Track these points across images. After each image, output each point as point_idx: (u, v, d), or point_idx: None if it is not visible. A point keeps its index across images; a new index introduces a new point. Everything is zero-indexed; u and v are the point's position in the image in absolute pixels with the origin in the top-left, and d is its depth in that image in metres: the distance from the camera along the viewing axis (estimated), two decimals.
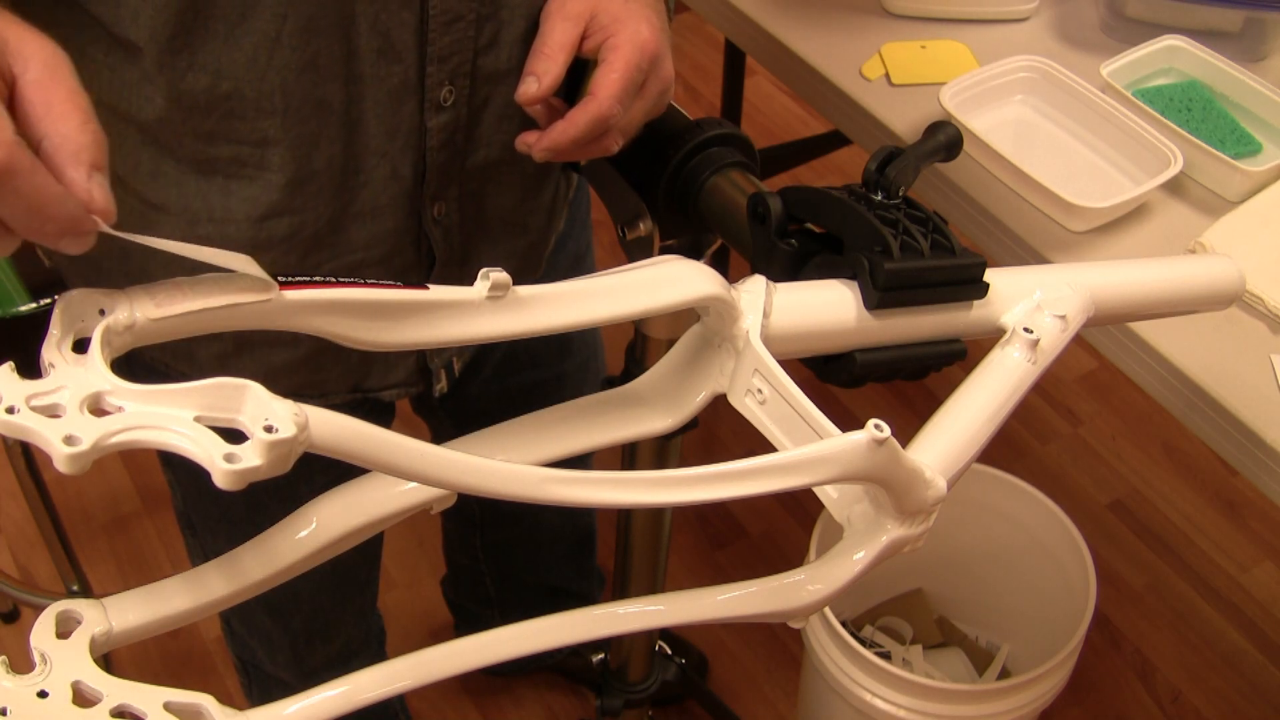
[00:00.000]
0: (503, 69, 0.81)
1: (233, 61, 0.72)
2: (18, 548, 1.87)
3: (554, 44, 0.76)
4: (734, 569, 1.85)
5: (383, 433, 0.47)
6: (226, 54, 0.72)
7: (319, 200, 0.80)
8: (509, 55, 0.81)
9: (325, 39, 0.73)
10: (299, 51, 0.73)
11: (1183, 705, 1.71)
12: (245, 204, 0.79)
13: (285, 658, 1.23)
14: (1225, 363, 0.95)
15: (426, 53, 0.77)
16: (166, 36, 0.70)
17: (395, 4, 0.74)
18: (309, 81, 0.74)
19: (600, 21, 0.77)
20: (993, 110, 1.15)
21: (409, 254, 0.86)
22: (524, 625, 0.61)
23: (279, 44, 0.72)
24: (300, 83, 0.74)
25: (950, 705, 1.29)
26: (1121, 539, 1.89)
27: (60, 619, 0.51)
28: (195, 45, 0.71)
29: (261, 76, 0.73)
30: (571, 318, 0.59)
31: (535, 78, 0.76)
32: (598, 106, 0.75)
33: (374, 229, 0.83)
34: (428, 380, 0.98)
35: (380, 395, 0.96)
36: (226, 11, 0.70)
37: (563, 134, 0.76)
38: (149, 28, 0.70)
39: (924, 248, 0.66)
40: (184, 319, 0.49)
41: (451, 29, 0.77)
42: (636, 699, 1.29)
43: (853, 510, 0.64)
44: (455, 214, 0.87)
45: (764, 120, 2.55)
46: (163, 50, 0.71)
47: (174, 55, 0.71)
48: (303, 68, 0.73)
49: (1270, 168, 1.06)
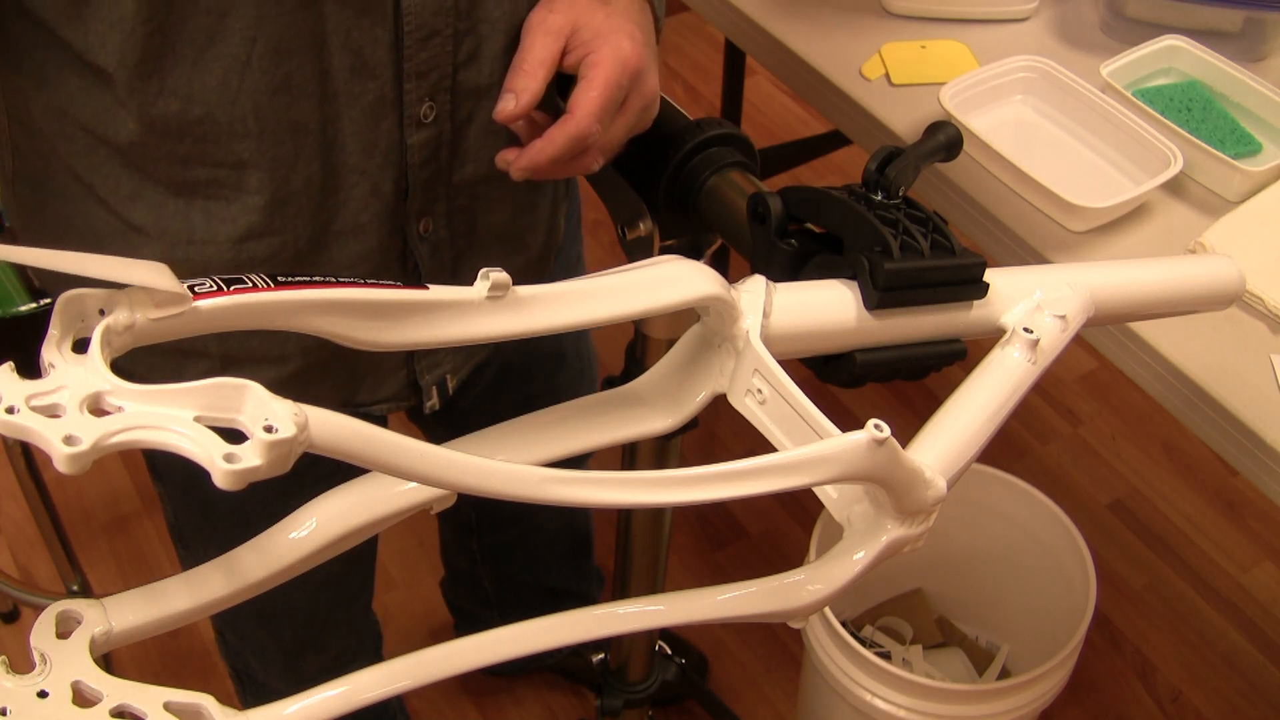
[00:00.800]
0: (484, 84, 0.80)
1: (203, 86, 0.71)
2: (18, 548, 1.87)
3: (533, 60, 0.75)
4: (734, 569, 1.85)
5: (383, 433, 0.47)
6: (196, 78, 0.71)
7: (299, 220, 0.79)
8: (490, 70, 0.80)
9: (296, 59, 0.72)
10: (270, 73, 0.72)
11: (1183, 705, 1.71)
12: (224, 226, 0.78)
13: (279, 667, 1.22)
14: (1225, 363, 0.95)
15: (403, 69, 0.76)
16: (134, 62, 0.70)
17: (367, 21, 0.73)
18: (282, 103, 0.74)
19: (581, 36, 0.76)
20: (993, 110, 1.15)
21: (394, 271, 0.86)
22: (524, 625, 0.61)
23: (249, 67, 0.71)
24: (273, 104, 0.73)
25: (950, 705, 1.29)
26: (1121, 539, 1.89)
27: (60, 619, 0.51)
28: (164, 70, 0.71)
29: (233, 100, 0.72)
30: (571, 318, 0.59)
31: (513, 95, 0.75)
32: (576, 125, 0.74)
33: (356, 247, 0.83)
34: (418, 396, 0.97)
35: (370, 410, 0.96)
36: (194, 36, 0.69)
37: (540, 153, 0.75)
38: (117, 54, 0.69)
39: (924, 248, 0.66)
40: (184, 319, 0.49)
41: (428, 44, 0.76)
42: (636, 699, 1.29)
43: (853, 510, 0.64)
44: (444, 230, 0.86)
45: (764, 120, 2.55)
46: (132, 76, 0.70)
47: (143, 80, 0.71)
48: (275, 89, 0.73)
49: (1270, 168, 1.06)
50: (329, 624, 1.23)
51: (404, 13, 0.74)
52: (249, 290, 0.50)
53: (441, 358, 0.96)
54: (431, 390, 0.97)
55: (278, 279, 0.51)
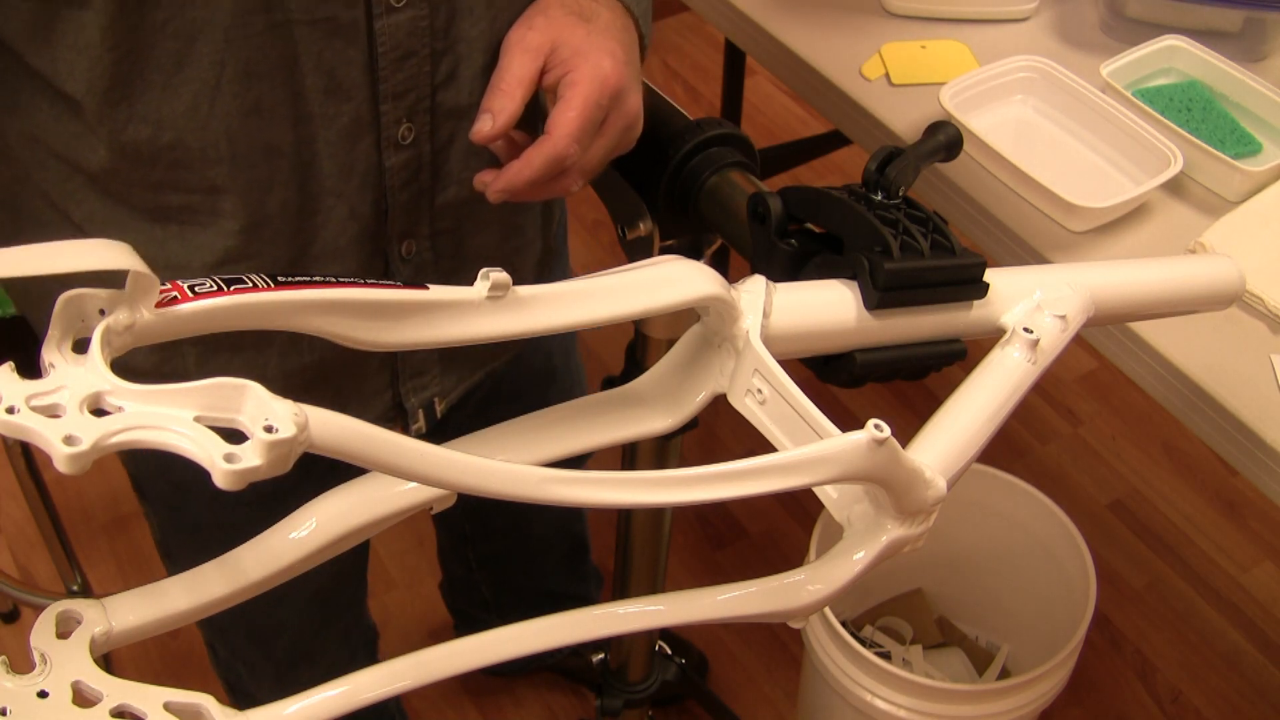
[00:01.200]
0: (465, 104, 0.79)
1: (173, 111, 0.70)
2: (18, 548, 1.87)
3: (511, 79, 0.73)
4: (734, 569, 1.85)
5: (383, 433, 0.47)
6: (166, 104, 0.70)
7: (276, 244, 0.78)
8: (470, 90, 0.78)
9: (267, 82, 0.71)
10: (241, 97, 0.71)
11: (1183, 705, 1.71)
12: (200, 251, 0.77)
13: (270, 682, 1.22)
14: (1225, 363, 0.95)
15: (379, 90, 0.75)
16: (103, 89, 0.69)
17: (339, 42, 0.72)
18: (254, 126, 0.72)
19: (561, 54, 0.74)
20: (993, 110, 1.15)
21: None
22: (524, 625, 0.61)
23: (219, 91, 0.70)
24: (245, 128, 0.72)
25: (950, 705, 1.29)
26: (1121, 539, 1.89)
27: (60, 619, 0.51)
28: (133, 96, 0.70)
29: (204, 125, 0.71)
30: (571, 318, 0.59)
31: (490, 115, 0.73)
32: (553, 146, 0.72)
33: (335, 270, 0.82)
34: (404, 419, 0.95)
35: None
36: (162, 62, 0.68)
37: (517, 174, 0.73)
38: (85, 80, 0.68)
39: (924, 248, 0.66)
40: (185, 319, 0.49)
41: (404, 65, 0.75)
42: (636, 699, 1.29)
43: (853, 510, 0.64)
44: (428, 253, 0.85)
45: (764, 120, 2.55)
46: (101, 102, 0.70)
47: (112, 107, 0.70)
48: (247, 112, 0.72)
49: (1270, 168, 1.06)
50: (320, 638, 1.22)
51: (378, 34, 0.73)
52: (249, 290, 0.50)
53: (429, 380, 0.95)
54: (418, 413, 0.96)
55: (278, 279, 0.51)
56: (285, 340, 0.85)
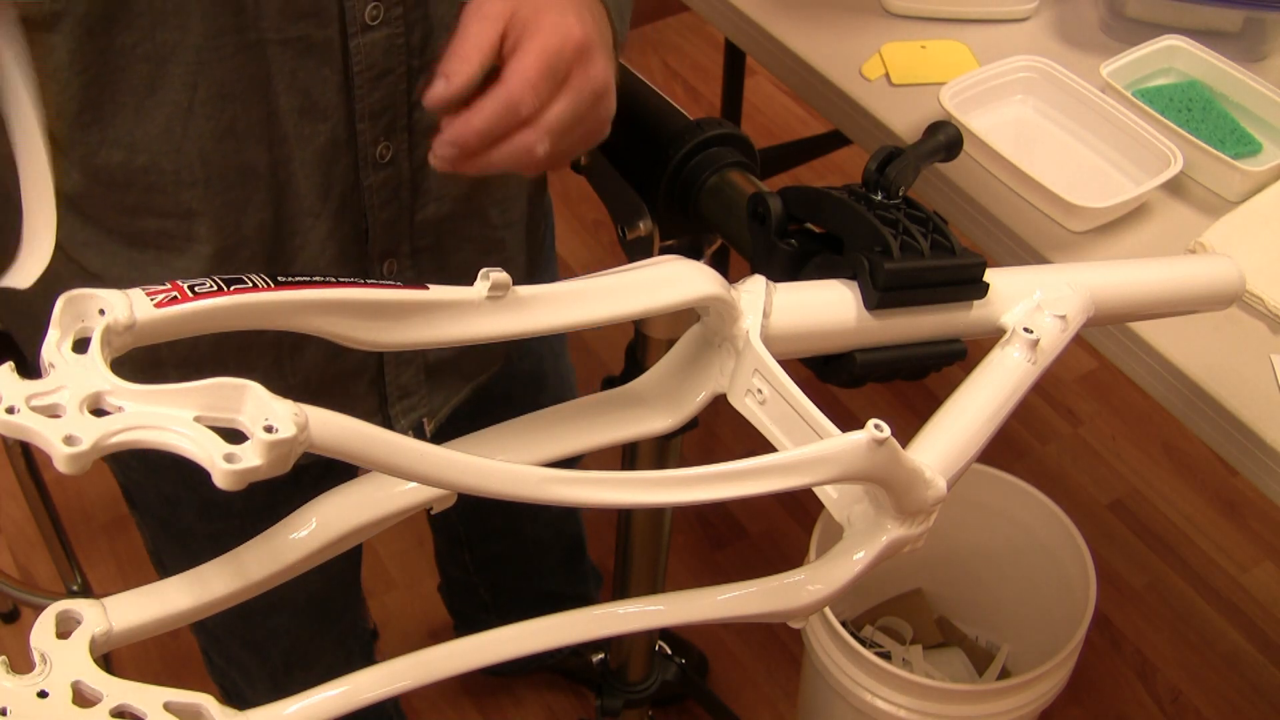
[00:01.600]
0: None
1: (146, 134, 0.69)
2: (18, 548, 1.87)
3: (468, 44, 0.68)
4: (734, 569, 1.85)
5: (383, 433, 0.47)
6: (139, 127, 0.69)
7: (253, 266, 0.77)
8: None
9: (241, 103, 0.70)
10: (214, 119, 0.70)
11: (1183, 705, 1.71)
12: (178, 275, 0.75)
13: (265, 688, 1.21)
14: (1225, 363, 0.95)
15: (355, 109, 0.74)
16: (73, 112, 0.68)
17: (313, 62, 0.71)
18: (229, 148, 0.71)
19: (521, 17, 0.68)
20: (993, 110, 1.15)
21: None
22: (523, 625, 0.61)
23: (192, 113, 0.69)
24: (220, 150, 0.71)
25: (950, 705, 1.29)
26: (1121, 539, 1.89)
27: (60, 619, 0.51)
28: (105, 120, 0.69)
29: (178, 147, 0.70)
30: (571, 318, 0.59)
31: (444, 79, 0.66)
32: (506, 91, 0.66)
33: None
34: None
35: None
36: (134, 85, 0.68)
37: (466, 123, 0.66)
38: (55, 104, 0.68)
39: (924, 248, 0.66)
40: (185, 319, 0.49)
41: (380, 84, 0.74)
42: (636, 699, 1.29)
43: (853, 510, 0.64)
44: (410, 271, 0.84)
45: (764, 120, 2.55)
46: (72, 126, 0.69)
47: (84, 131, 0.69)
48: (221, 135, 0.71)
49: (1270, 168, 1.06)
50: (315, 643, 1.21)
51: (353, 52, 0.72)
52: (249, 290, 0.50)
53: (417, 401, 0.94)
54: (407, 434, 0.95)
55: (278, 279, 0.51)
56: (270, 363, 0.84)
